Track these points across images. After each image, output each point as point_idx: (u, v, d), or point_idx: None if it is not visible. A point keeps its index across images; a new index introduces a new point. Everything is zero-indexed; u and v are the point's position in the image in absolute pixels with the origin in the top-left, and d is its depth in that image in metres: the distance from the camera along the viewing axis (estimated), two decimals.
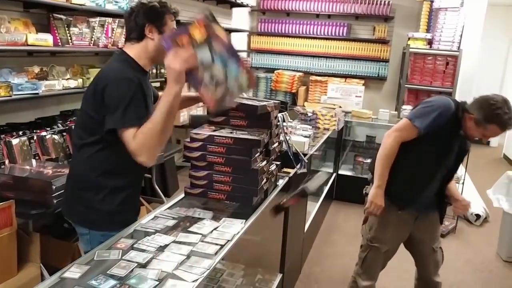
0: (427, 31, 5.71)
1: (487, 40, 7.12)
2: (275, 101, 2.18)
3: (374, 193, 2.27)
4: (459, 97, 5.13)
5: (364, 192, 2.49)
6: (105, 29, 3.26)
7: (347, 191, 4.94)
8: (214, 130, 1.99)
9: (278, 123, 2.28)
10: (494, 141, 8.70)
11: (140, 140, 1.63)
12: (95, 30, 3.18)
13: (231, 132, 1.97)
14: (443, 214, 2.48)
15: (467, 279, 3.53)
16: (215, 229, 1.71)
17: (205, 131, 1.98)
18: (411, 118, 2.22)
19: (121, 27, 3.42)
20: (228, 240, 1.62)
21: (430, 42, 5.46)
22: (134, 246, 1.55)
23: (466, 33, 5.12)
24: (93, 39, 3.18)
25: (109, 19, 3.29)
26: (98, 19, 3.18)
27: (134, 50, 1.83)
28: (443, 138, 2.21)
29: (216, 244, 1.58)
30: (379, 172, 2.27)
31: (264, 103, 2.06)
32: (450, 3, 5.31)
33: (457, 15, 5.23)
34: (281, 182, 2.42)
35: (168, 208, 1.96)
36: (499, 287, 3.38)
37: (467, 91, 5.17)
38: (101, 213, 1.81)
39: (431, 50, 5.41)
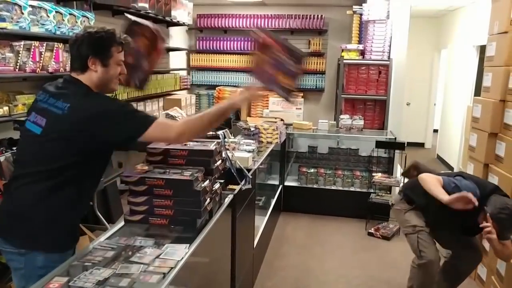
0: (359, 42, 5.95)
1: (414, 48, 7.55)
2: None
3: (446, 199, 2.56)
4: (393, 102, 5.38)
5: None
6: (31, 53, 3.10)
7: (294, 202, 5.00)
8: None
9: (220, 140, 2.26)
10: (428, 142, 9.19)
11: (183, 125, 1.81)
12: (20, 55, 3.00)
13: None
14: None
15: None
16: (157, 257, 1.64)
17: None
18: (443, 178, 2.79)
19: (49, 50, 3.26)
20: (172, 268, 1.57)
21: (362, 53, 5.68)
22: (70, 284, 1.45)
23: (394, 43, 5.39)
24: (18, 64, 3.00)
25: (36, 43, 3.12)
26: (23, 42, 3.01)
27: (82, 79, 1.79)
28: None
29: (159, 273, 1.52)
30: (439, 193, 2.63)
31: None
32: (377, 15, 5.57)
33: (385, 27, 5.50)
34: (226, 200, 2.39)
35: (107, 238, 1.86)
36: None
37: (400, 97, 5.42)
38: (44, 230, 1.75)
39: (363, 61, 5.62)
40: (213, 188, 2.11)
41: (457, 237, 2.93)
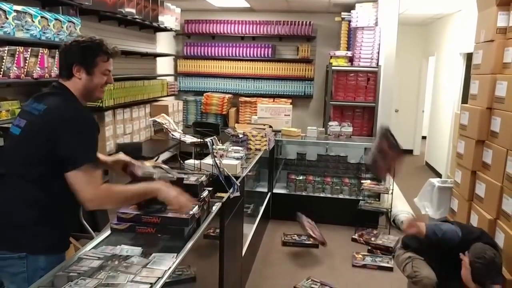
0: (347, 49, 5.97)
1: (403, 55, 7.61)
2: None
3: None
4: (381, 109, 5.40)
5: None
6: (16, 58, 3.04)
7: (283, 209, 4.97)
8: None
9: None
10: (416, 149, 9.25)
11: (103, 193, 1.71)
12: (4, 60, 2.94)
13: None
14: None
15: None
16: (144, 266, 1.61)
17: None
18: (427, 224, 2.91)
19: (34, 56, 3.20)
20: (159, 277, 1.53)
21: (351, 60, 5.70)
22: None
23: (383, 50, 5.42)
24: (2, 69, 2.94)
25: (20, 48, 3.06)
26: (7, 48, 2.95)
27: (68, 86, 1.82)
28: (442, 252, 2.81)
29: (146, 283, 1.49)
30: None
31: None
32: (365, 22, 5.61)
33: (373, 34, 5.53)
34: (214, 208, 2.36)
35: (93, 247, 1.83)
36: None
37: (388, 103, 5.44)
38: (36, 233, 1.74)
39: (352, 67, 5.64)
40: (201, 196, 2.08)
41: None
